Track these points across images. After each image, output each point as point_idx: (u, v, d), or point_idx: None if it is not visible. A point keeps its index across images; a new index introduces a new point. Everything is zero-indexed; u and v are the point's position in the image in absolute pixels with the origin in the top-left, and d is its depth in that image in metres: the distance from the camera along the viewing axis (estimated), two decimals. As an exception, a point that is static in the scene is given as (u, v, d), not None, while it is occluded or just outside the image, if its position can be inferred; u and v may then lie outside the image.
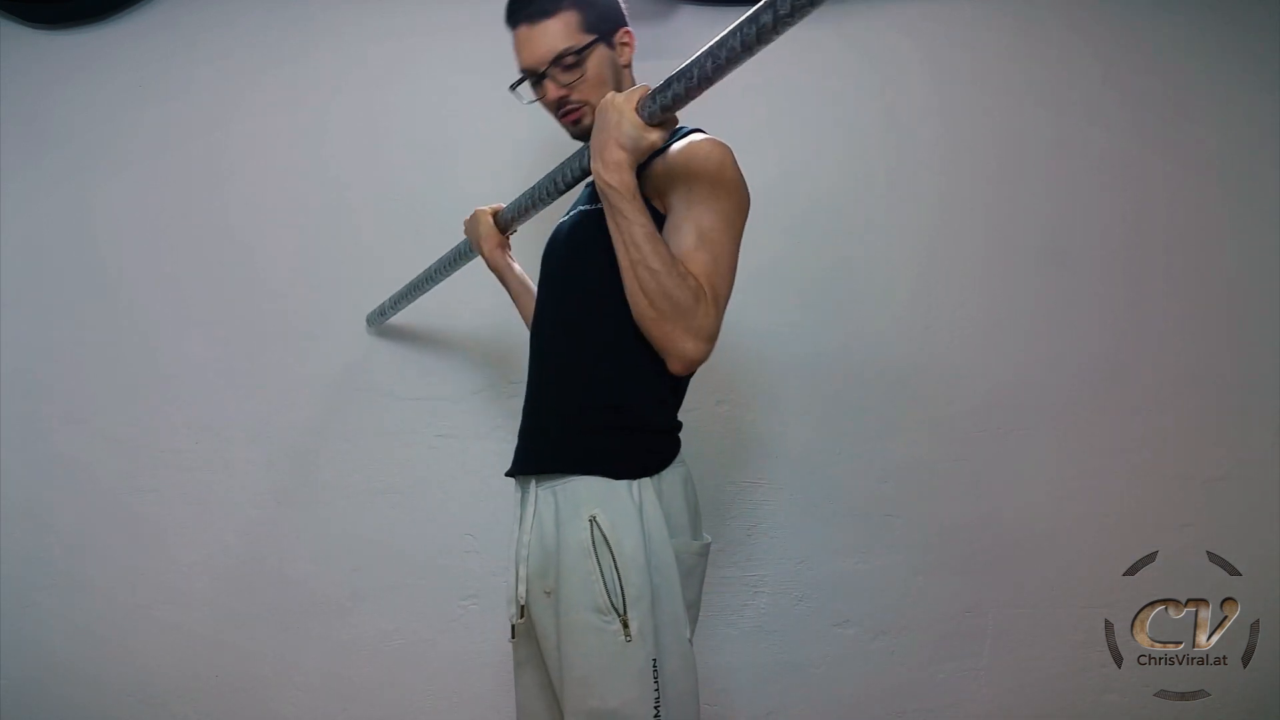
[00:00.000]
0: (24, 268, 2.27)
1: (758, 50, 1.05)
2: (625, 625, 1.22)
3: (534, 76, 1.37)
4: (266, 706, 2.15)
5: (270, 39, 2.23)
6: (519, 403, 2.08)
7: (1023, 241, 2.07)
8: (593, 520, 1.25)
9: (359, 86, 2.21)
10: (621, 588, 1.22)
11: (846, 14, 2.10)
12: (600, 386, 1.30)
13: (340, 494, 2.16)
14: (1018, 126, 2.08)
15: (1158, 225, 2.05)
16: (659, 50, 1.74)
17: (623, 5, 1.44)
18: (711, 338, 1.24)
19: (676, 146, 1.34)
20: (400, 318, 2.17)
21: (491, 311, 2.15)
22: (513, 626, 1.37)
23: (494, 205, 1.68)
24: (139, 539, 2.20)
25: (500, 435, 2.13)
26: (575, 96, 1.36)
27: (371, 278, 2.18)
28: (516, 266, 1.72)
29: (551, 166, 2.09)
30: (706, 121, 1.67)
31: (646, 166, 1.32)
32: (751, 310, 2.00)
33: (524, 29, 1.35)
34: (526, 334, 2.06)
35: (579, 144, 1.47)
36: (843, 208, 2.11)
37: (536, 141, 2.12)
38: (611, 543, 1.24)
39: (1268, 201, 2.03)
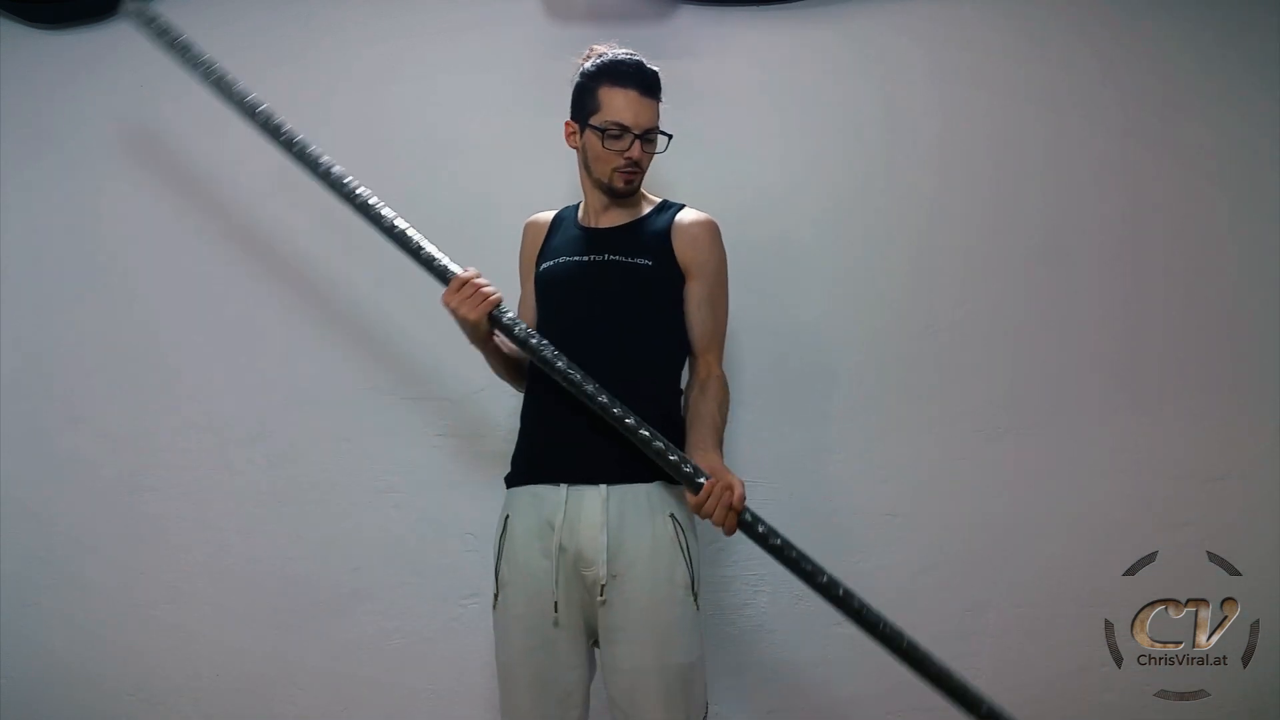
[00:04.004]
0: (24, 267, 2.27)
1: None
2: (695, 598, 1.59)
3: (623, 131, 1.64)
4: (266, 706, 2.15)
5: (270, 39, 2.24)
6: (519, 402, 2.09)
7: (1023, 241, 2.08)
8: (672, 517, 1.58)
9: (359, 86, 2.21)
10: (694, 569, 1.59)
11: (847, 14, 2.10)
12: (660, 406, 1.62)
13: (340, 494, 2.16)
14: (1017, 126, 2.08)
15: (1157, 225, 2.05)
16: (659, 50, 1.75)
17: None
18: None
19: (688, 220, 1.70)
20: (400, 317, 2.17)
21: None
22: (555, 603, 1.58)
23: (495, 297, 1.61)
24: (140, 538, 2.20)
25: (500, 435, 2.13)
26: (643, 163, 1.68)
27: (372, 277, 2.18)
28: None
29: (551, 166, 2.09)
30: (708, 120, 1.69)
31: (665, 227, 1.68)
32: (751, 310, 2.00)
33: (636, 94, 1.64)
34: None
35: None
36: (842, 207, 2.11)
37: (537, 141, 2.13)
38: (687, 534, 1.60)
39: (1268, 201, 2.03)
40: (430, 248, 1.68)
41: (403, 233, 1.70)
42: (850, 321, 2.09)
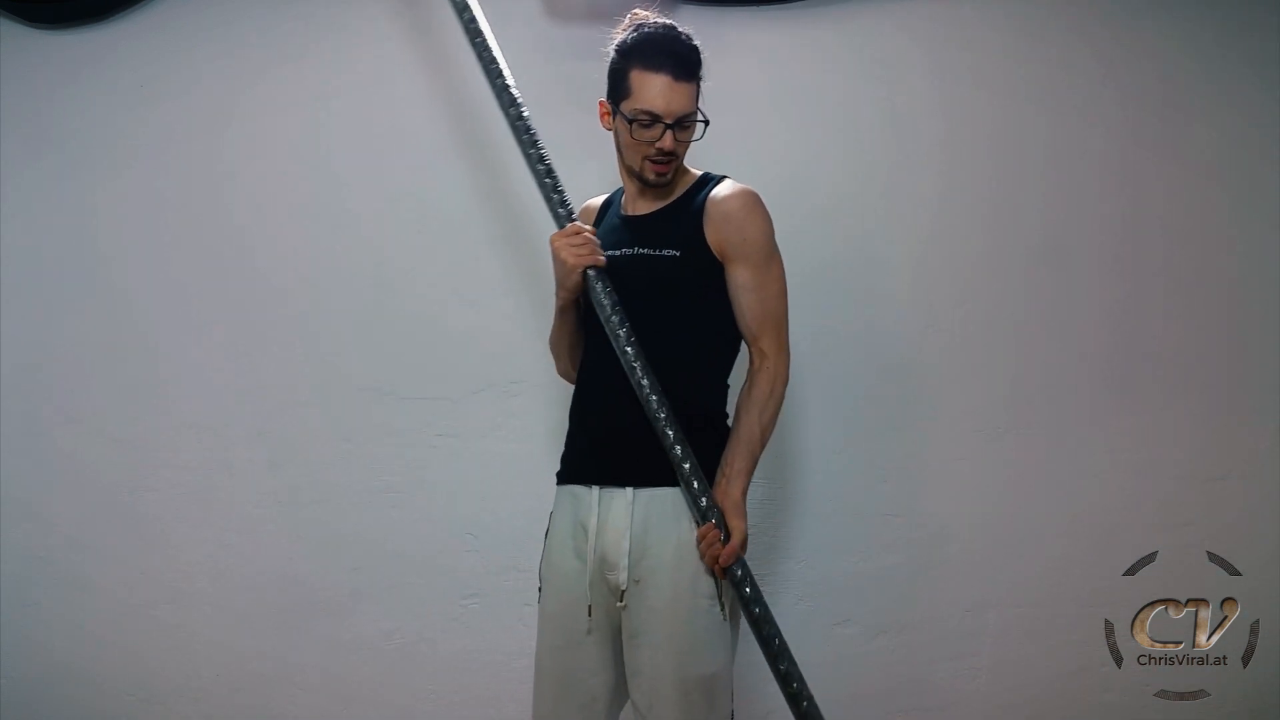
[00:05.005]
0: (24, 267, 2.27)
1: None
2: (723, 607, 1.53)
3: (654, 120, 1.53)
4: (267, 706, 2.15)
5: (271, 39, 2.23)
6: (520, 402, 2.11)
7: (1023, 241, 2.07)
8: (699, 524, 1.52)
9: (360, 86, 2.21)
10: (719, 578, 1.52)
11: (847, 14, 2.10)
12: (692, 405, 1.55)
13: (340, 494, 2.16)
14: (1017, 126, 2.08)
15: (1157, 225, 2.05)
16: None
17: None
18: (788, 364, 1.62)
19: (720, 197, 1.58)
20: (400, 317, 2.17)
21: (491, 311, 2.15)
22: (589, 607, 1.56)
23: (601, 259, 1.57)
24: (140, 538, 2.20)
25: (500, 435, 2.13)
26: (678, 152, 1.57)
27: (373, 277, 2.18)
28: None
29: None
30: (711, 119, 1.67)
31: (698, 209, 1.57)
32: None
33: (668, 79, 1.51)
34: (527, 332, 2.07)
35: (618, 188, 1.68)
36: (842, 207, 2.11)
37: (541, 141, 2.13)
38: None
39: (1268, 201, 2.03)
40: (565, 190, 1.66)
41: (549, 169, 1.67)
42: (850, 321, 2.09)
